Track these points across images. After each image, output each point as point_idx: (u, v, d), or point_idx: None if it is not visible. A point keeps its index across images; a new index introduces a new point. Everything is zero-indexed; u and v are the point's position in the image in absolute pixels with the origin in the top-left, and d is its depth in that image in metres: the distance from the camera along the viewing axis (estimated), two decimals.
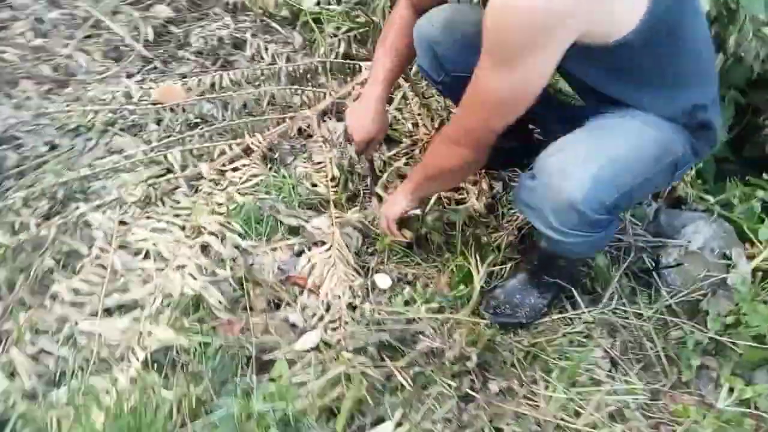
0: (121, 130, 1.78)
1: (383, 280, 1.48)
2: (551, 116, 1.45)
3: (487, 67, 1.03)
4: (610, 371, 1.34)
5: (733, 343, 1.35)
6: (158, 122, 1.84)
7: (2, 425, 1.08)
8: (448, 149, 1.21)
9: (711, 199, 1.72)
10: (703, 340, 1.37)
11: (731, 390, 1.27)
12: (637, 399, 1.24)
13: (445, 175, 1.30)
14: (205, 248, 1.42)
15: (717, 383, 1.35)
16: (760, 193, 1.65)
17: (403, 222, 1.48)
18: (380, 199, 1.63)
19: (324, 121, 1.95)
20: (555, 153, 1.10)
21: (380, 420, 1.18)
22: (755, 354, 1.32)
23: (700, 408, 1.27)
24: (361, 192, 1.70)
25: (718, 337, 1.36)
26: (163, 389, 1.16)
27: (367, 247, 1.58)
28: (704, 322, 1.43)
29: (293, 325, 1.32)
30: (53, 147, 1.72)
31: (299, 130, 1.93)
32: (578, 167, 1.06)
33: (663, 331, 1.43)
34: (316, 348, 1.27)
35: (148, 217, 1.48)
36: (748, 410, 1.24)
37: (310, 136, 1.92)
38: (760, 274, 1.52)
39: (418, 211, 1.48)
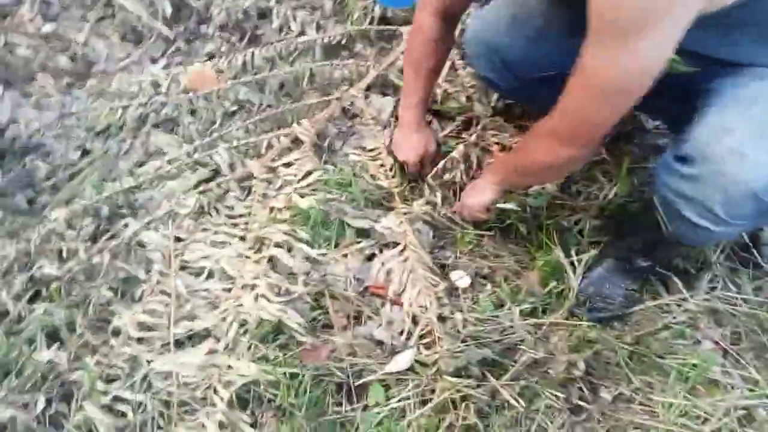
0: (155, 126, 1.63)
1: (462, 279, 1.36)
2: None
3: (599, 50, 0.87)
4: (723, 366, 1.24)
5: None
6: (192, 113, 1.68)
7: None
8: (549, 147, 1.06)
9: None
10: None
11: None
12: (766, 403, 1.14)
13: (542, 173, 1.17)
14: (271, 260, 1.30)
15: None
16: None
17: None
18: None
19: (368, 96, 1.78)
20: (720, 134, 0.93)
21: None
22: None
23: None
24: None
25: None
26: (254, 430, 1.07)
27: (438, 240, 1.46)
28: None
29: (380, 343, 1.22)
30: (85, 152, 1.58)
31: (343, 109, 1.77)
32: (755, 149, 0.90)
33: None
34: (410, 368, 1.17)
35: (204, 230, 1.36)
36: None
37: (356, 115, 1.76)
38: None
39: (510, 206, 1.35)
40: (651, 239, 1.27)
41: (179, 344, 1.19)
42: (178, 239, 1.33)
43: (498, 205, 1.32)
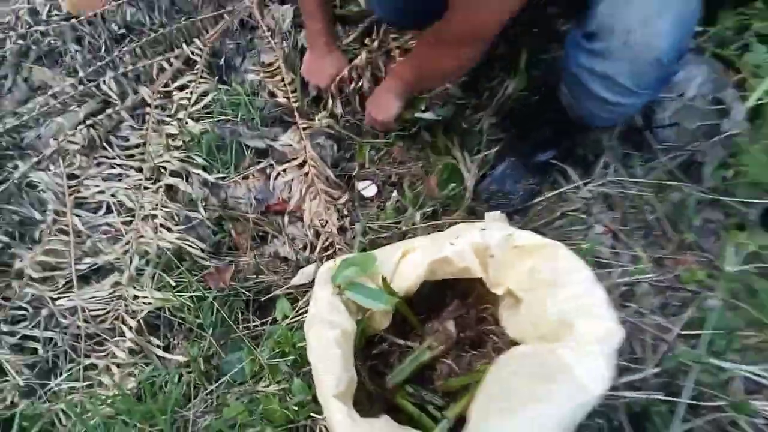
0: (39, 59, 1.54)
1: (368, 189, 1.38)
2: None
3: None
4: (613, 247, 1.32)
5: (733, 195, 1.31)
6: (78, 41, 1.58)
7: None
8: (447, 50, 1.06)
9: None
10: (704, 199, 1.33)
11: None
12: (648, 277, 1.22)
13: (442, 76, 1.21)
14: (170, 189, 1.29)
15: (718, 237, 1.34)
16: (756, 24, 1.50)
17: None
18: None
19: (267, 6, 1.70)
20: (622, 6, 0.93)
21: None
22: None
23: (706, 269, 1.26)
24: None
25: (716, 196, 1.32)
26: (166, 353, 1.11)
27: (344, 153, 1.46)
28: (700, 176, 1.39)
29: (285, 259, 1.25)
30: None
31: (241, 22, 1.69)
32: (659, 17, 0.91)
33: (661, 194, 1.38)
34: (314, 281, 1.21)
35: (98, 164, 1.33)
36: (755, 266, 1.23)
37: (255, 27, 1.69)
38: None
39: (428, 115, 1.37)
40: (553, 130, 1.30)
41: (85, 279, 1.20)
42: (72, 176, 1.30)
43: (417, 115, 1.34)
